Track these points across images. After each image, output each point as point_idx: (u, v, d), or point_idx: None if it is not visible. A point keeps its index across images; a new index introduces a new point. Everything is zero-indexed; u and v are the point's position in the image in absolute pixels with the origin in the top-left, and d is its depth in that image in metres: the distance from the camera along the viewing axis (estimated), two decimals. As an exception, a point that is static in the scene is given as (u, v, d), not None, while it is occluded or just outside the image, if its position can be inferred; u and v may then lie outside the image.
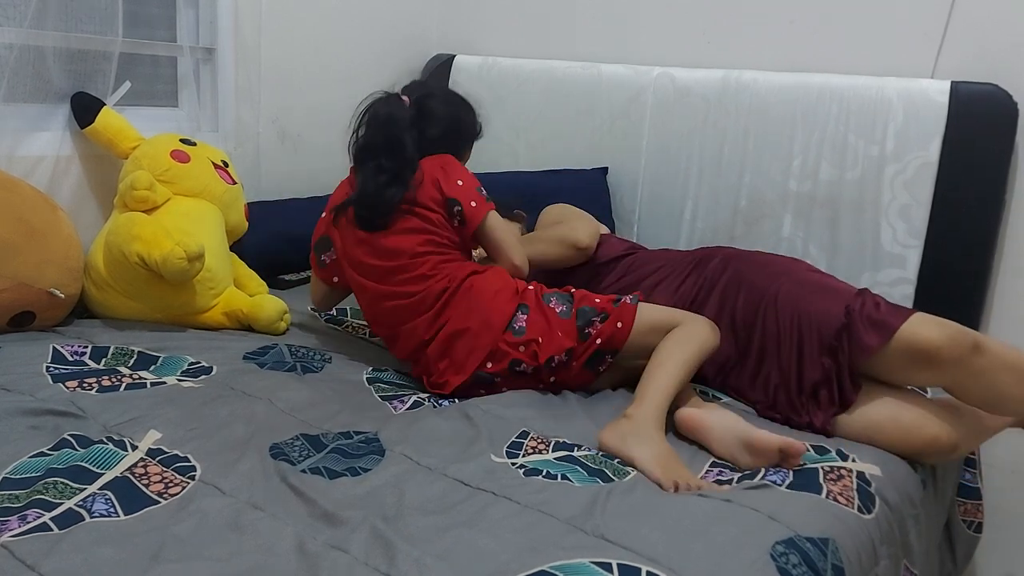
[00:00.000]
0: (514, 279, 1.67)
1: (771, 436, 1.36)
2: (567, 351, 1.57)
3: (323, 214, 1.78)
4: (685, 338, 1.55)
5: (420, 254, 1.62)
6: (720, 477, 1.37)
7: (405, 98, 1.70)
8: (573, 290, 1.66)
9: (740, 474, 1.37)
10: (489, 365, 1.57)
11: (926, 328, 1.46)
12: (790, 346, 1.58)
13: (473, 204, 1.66)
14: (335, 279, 1.80)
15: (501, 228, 1.71)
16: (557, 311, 1.60)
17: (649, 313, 1.61)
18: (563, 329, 1.58)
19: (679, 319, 1.59)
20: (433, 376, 1.62)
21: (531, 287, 1.65)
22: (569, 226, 1.92)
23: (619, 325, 1.58)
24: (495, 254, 1.73)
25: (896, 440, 1.49)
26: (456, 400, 1.58)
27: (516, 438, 1.41)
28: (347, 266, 1.71)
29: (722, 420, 1.45)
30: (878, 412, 1.51)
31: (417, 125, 1.68)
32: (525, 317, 1.59)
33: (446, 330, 1.60)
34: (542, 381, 1.61)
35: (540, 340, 1.57)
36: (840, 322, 1.52)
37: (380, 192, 1.62)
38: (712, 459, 1.43)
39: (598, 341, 1.57)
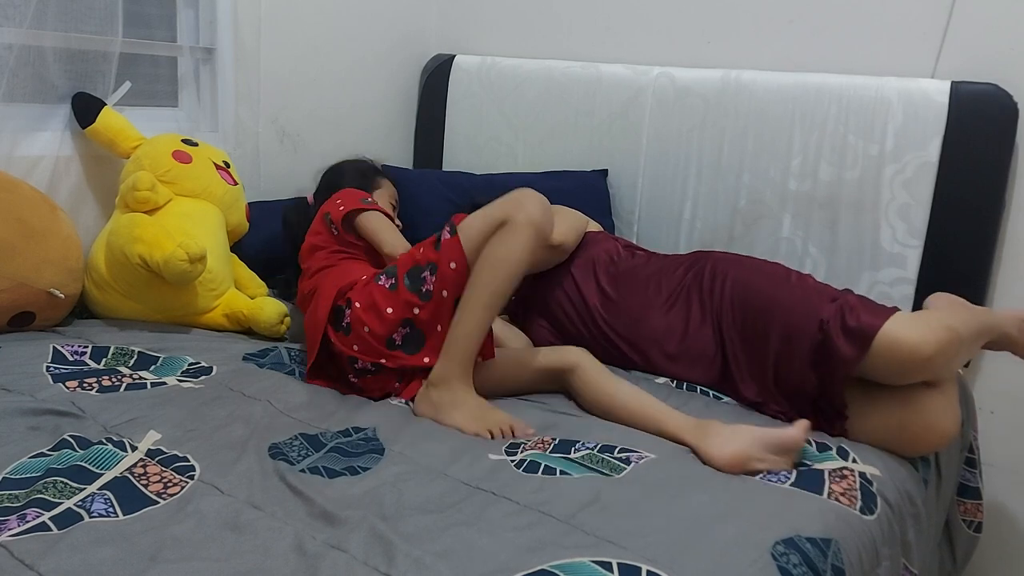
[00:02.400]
0: (369, 270, 1.68)
1: (789, 430, 1.37)
2: (403, 321, 1.53)
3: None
4: (491, 264, 1.49)
5: (310, 269, 1.77)
6: None
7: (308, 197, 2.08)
8: (398, 259, 1.62)
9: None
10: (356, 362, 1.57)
11: (912, 336, 1.41)
12: (776, 355, 1.58)
13: (340, 207, 1.77)
14: None
15: (372, 222, 1.77)
16: (386, 287, 1.56)
17: (471, 230, 1.53)
18: (392, 304, 1.53)
19: (499, 213, 1.52)
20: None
21: (364, 277, 1.63)
22: None
23: (453, 265, 1.51)
24: (375, 246, 1.76)
25: (908, 446, 1.50)
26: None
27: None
28: None
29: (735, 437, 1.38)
30: (887, 423, 1.50)
31: (318, 201, 2.00)
32: (349, 312, 1.57)
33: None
34: (415, 361, 1.55)
35: (368, 328, 1.54)
36: (816, 338, 1.51)
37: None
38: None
39: (444, 294, 1.51)
